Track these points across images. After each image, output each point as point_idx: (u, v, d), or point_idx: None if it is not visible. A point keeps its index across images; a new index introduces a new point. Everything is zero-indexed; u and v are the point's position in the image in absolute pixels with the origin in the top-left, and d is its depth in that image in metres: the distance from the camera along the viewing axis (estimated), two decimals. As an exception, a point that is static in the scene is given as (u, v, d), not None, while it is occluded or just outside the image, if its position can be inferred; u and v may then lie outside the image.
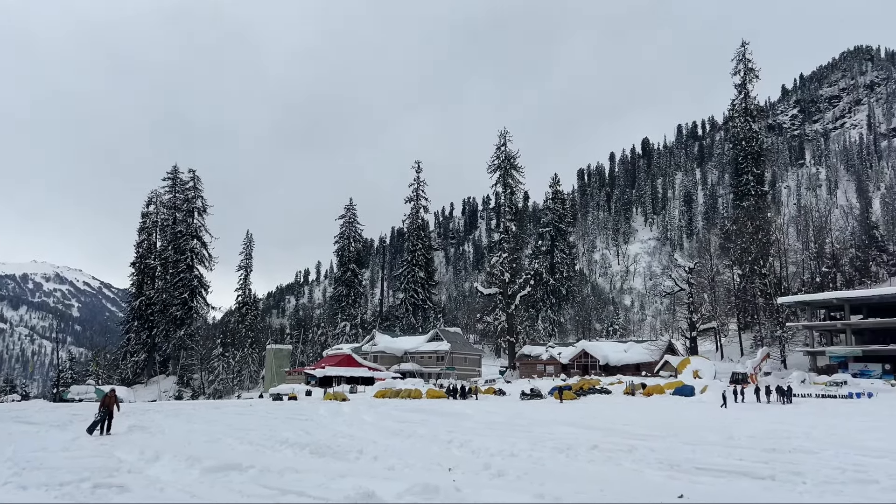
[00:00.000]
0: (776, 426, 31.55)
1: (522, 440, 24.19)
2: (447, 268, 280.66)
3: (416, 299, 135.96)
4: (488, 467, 17.22)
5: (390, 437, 26.48)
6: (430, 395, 67.05)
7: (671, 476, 16.52)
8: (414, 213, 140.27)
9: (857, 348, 73.01)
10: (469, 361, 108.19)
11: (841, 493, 14.16)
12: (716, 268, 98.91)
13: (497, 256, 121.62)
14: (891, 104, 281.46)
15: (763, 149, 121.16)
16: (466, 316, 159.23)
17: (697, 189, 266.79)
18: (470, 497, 11.80)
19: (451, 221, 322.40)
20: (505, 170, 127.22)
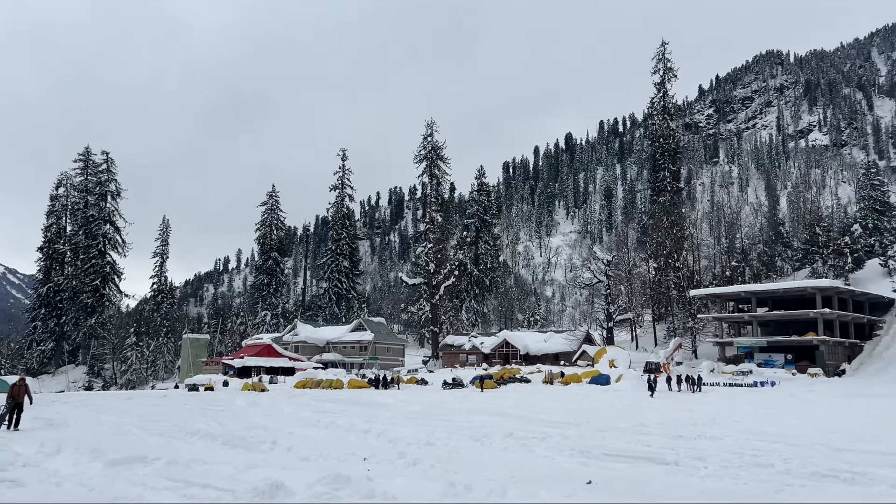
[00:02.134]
0: (685, 414, 32.81)
1: (440, 429, 24.32)
2: (373, 257, 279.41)
3: (339, 289, 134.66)
4: (403, 456, 17.23)
5: (307, 427, 26.17)
6: (352, 385, 66.67)
7: (582, 462, 16.94)
8: (339, 201, 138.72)
9: (763, 339, 76.71)
10: (393, 351, 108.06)
11: (738, 476, 14.83)
12: (632, 261, 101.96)
13: (422, 247, 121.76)
14: (798, 107, 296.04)
15: (680, 146, 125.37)
16: (391, 306, 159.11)
17: (617, 184, 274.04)
18: (381, 486, 11.76)
19: (378, 211, 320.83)
20: (431, 160, 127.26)
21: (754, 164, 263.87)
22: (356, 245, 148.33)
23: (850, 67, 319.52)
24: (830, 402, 42.63)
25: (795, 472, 15.32)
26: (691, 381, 55.80)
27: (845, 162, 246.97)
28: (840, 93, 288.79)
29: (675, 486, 13.57)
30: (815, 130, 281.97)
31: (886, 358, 68.23)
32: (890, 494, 13.07)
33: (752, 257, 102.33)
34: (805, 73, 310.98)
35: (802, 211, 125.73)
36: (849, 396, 46.60)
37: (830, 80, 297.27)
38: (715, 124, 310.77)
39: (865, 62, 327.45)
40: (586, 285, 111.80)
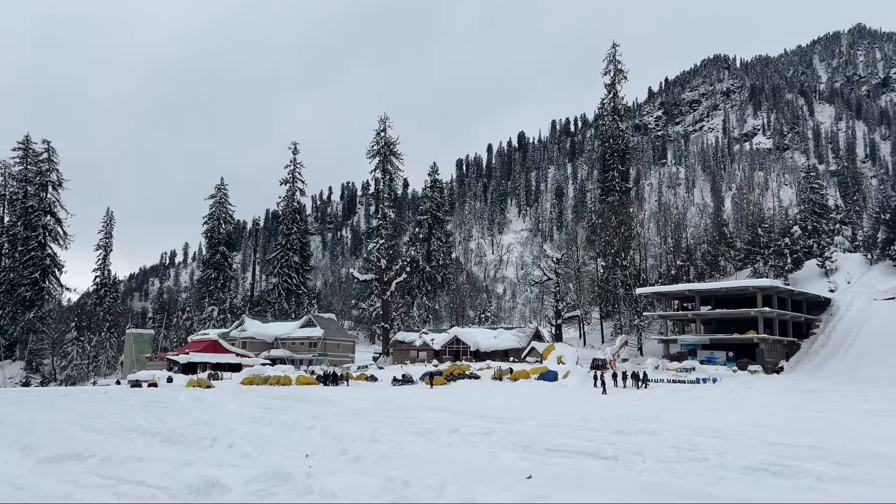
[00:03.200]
0: (628, 409, 33.45)
1: (386, 425, 24.30)
2: (324, 253, 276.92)
3: (289, 284, 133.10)
4: (346, 452, 17.17)
5: (251, 424, 25.84)
6: (301, 381, 65.93)
7: (524, 458, 17.14)
8: (290, 195, 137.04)
9: (705, 337, 78.60)
10: (343, 348, 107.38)
11: (674, 470, 15.20)
12: (581, 259, 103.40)
13: (374, 243, 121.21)
14: (744, 111, 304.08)
15: (629, 147, 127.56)
16: (342, 302, 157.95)
17: (568, 183, 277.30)
18: (320, 483, 11.69)
19: (330, 206, 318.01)
20: (384, 156, 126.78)
21: (701, 165, 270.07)
22: (307, 240, 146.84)
23: (793, 74, 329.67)
24: (768, 398, 43.96)
25: (729, 465, 15.78)
26: (636, 377, 56.87)
27: (787, 165, 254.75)
28: (783, 98, 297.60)
29: (613, 481, 13.83)
30: (759, 134, 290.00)
31: (822, 356, 70.66)
32: (816, 486, 13.57)
33: (697, 257, 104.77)
34: (750, 78, 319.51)
35: (746, 212, 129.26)
36: (786, 393, 48.12)
37: (774, 86, 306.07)
38: (663, 126, 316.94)
39: (807, 69, 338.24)
40: (536, 283, 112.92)
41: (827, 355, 69.80)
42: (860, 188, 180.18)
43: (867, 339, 68.09)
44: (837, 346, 70.55)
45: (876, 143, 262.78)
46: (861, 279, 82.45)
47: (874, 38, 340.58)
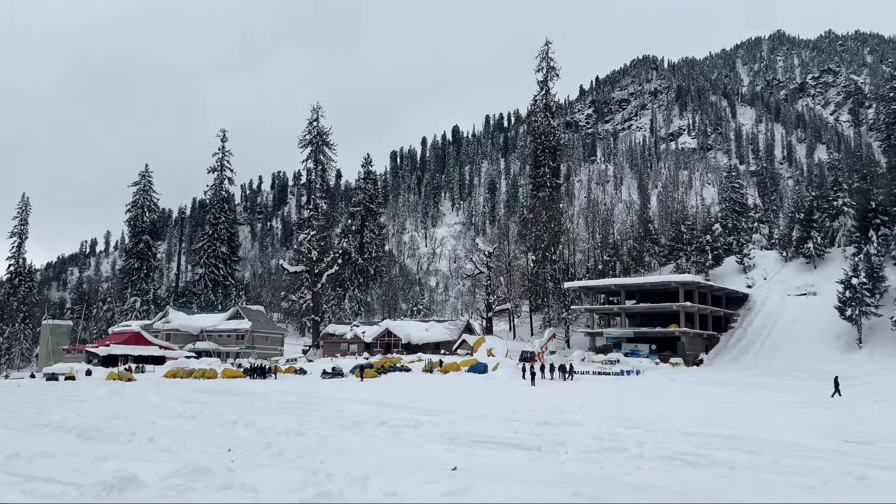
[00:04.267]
0: (554, 401, 34.08)
1: (312, 419, 24.05)
2: (253, 243, 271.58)
3: (216, 275, 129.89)
4: (270, 446, 16.91)
5: (172, 417, 25.17)
6: (227, 374, 64.67)
7: (450, 449, 17.24)
8: (217, 184, 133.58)
9: (630, 330, 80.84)
10: (271, 340, 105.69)
11: (595, 460, 15.57)
12: (513, 253, 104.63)
13: (306, 234, 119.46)
14: (670, 111, 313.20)
15: (560, 144, 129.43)
16: (271, 294, 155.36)
17: (501, 178, 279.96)
18: (241, 477, 11.47)
19: (260, 195, 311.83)
20: (317, 146, 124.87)
21: (629, 163, 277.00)
22: (235, 230, 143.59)
23: (717, 76, 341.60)
24: (688, 389, 45.57)
25: (647, 455, 16.26)
26: (563, 369, 58.05)
27: (710, 165, 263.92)
28: (707, 99, 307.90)
29: (536, 471, 14.06)
30: (684, 134, 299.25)
31: (739, 348, 73.68)
32: (728, 475, 14.12)
33: (623, 252, 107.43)
34: (677, 79, 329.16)
35: (670, 209, 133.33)
36: (705, 384, 49.98)
37: (699, 87, 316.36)
38: (594, 124, 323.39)
39: (731, 72, 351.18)
40: (469, 276, 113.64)
41: (744, 348, 72.78)
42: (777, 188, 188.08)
43: (781, 333, 71.31)
44: (754, 339, 73.64)
45: (793, 146, 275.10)
46: (776, 275, 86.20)
47: (793, 44, 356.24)
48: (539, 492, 10.92)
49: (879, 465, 14.79)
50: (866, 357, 60.36)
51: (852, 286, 63.71)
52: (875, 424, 23.36)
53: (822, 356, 62.04)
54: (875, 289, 64.77)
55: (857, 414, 27.77)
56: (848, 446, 17.67)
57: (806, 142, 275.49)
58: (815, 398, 36.79)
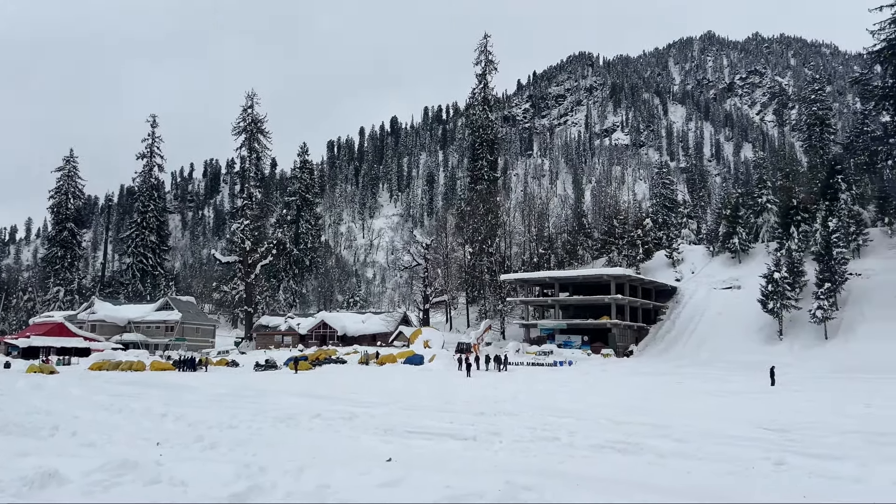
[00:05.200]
0: (489, 392, 34.45)
1: (245, 411, 23.66)
2: (184, 233, 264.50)
3: (145, 265, 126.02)
4: (201, 440, 16.56)
5: (98, 411, 24.37)
6: (155, 367, 62.84)
7: (385, 441, 17.24)
8: (147, 170, 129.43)
9: (563, 322, 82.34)
10: (202, 332, 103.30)
11: (528, 449, 15.82)
12: (450, 245, 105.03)
13: (239, 223, 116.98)
14: (605, 108, 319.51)
15: (497, 137, 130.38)
16: (203, 284, 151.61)
17: (439, 170, 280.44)
18: (169, 470, 11.18)
19: (191, 183, 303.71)
20: (251, 133, 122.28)
21: (564, 158, 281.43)
22: (165, 218, 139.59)
23: (650, 74, 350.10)
24: (619, 379, 46.71)
25: (578, 444, 16.62)
26: (498, 360, 58.70)
27: (642, 161, 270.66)
28: (641, 97, 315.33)
29: (470, 460, 14.21)
30: (618, 130, 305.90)
31: (668, 340, 76.00)
32: (656, 462, 14.56)
33: (558, 245, 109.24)
34: (612, 77, 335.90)
35: (603, 204, 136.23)
36: (634, 375, 51.32)
37: (633, 85, 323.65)
38: (531, 119, 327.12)
39: (663, 71, 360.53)
40: (406, 268, 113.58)
41: (672, 340, 75.08)
42: (706, 185, 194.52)
43: (707, 325, 73.84)
44: (681, 331, 76.03)
45: (721, 144, 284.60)
46: (703, 269, 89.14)
47: (722, 45, 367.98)
48: (472, 481, 11.03)
49: (796, 451, 15.50)
50: (786, 348, 63.09)
51: (774, 280, 66.39)
52: (793, 413, 24.46)
53: (746, 347, 64.61)
54: (795, 283, 67.67)
55: (776, 403, 29.01)
56: (768, 433, 18.46)
57: (733, 140, 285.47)
58: (739, 388, 38.26)
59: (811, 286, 67.07)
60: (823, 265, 66.55)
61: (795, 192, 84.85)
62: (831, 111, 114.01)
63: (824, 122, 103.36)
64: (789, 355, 59.85)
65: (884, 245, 74.15)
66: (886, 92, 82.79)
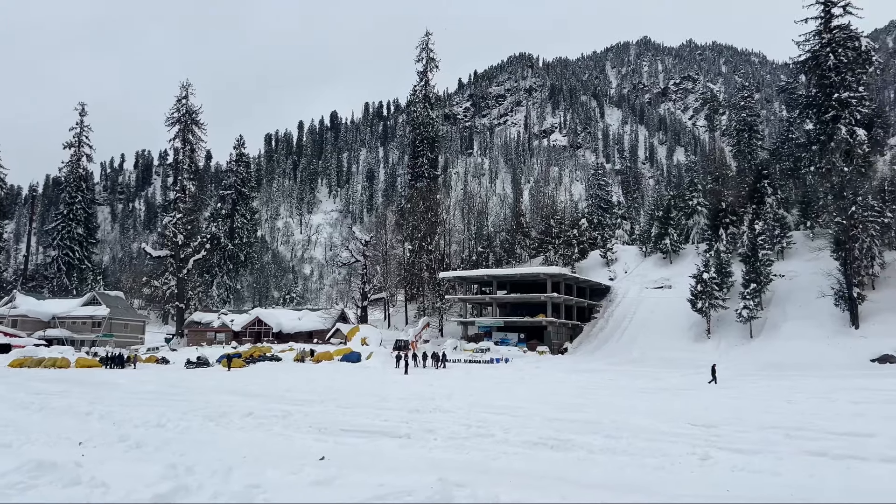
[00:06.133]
0: (425, 389, 34.46)
1: (174, 410, 23.01)
2: (113, 225, 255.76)
3: (71, 258, 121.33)
4: (126, 439, 16.03)
5: (16, 410, 23.33)
6: (81, 364, 60.73)
7: (318, 439, 17.03)
8: (74, 161, 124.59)
9: (500, 319, 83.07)
10: (131, 328, 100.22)
11: (462, 446, 15.87)
12: (389, 242, 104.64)
13: (171, 217, 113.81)
14: (544, 109, 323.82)
15: (438, 135, 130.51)
16: (132, 279, 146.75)
17: (380, 166, 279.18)
18: (91, 471, 10.76)
19: (122, 175, 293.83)
20: (185, 124, 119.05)
21: (503, 157, 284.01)
22: (93, 210, 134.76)
23: (588, 77, 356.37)
24: (553, 376, 47.42)
25: (512, 440, 16.77)
26: (436, 357, 58.87)
27: (579, 162, 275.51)
28: (578, 99, 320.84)
29: (404, 458, 14.16)
30: (556, 132, 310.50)
31: (601, 338, 77.53)
32: (586, 458, 14.81)
33: (497, 244, 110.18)
34: (551, 78, 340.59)
35: (541, 204, 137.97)
36: (568, 372, 52.20)
37: (571, 87, 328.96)
38: (471, 118, 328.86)
39: (600, 74, 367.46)
40: (344, 264, 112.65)
41: (605, 337, 76.64)
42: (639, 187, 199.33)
43: (639, 324, 75.64)
44: (614, 329, 77.69)
45: (654, 147, 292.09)
46: (636, 269, 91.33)
47: (657, 51, 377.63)
48: (406, 479, 10.99)
49: (721, 446, 16.01)
50: (713, 346, 65.17)
51: (703, 281, 68.50)
52: (718, 409, 25.28)
53: (675, 346, 66.45)
54: (723, 283, 69.98)
55: (703, 399, 29.94)
56: (694, 429, 19.01)
57: (666, 144, 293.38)
58: (669, 385, 39.35)
59: (738, 286, 69.43)
60: (749, 266, 69.01)
61: (724, 195, 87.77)
62: (759, 118, 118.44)
63: (752, 129, 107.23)
64: (716, 353, 61.79)
65: (805, 248, 77.35)
66: (810, 101, 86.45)
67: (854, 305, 62.26)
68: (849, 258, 63.25)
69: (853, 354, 53.85)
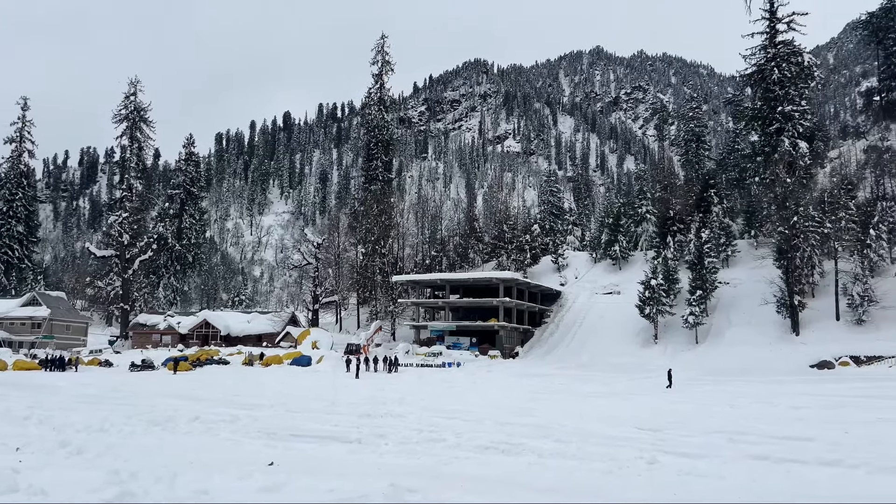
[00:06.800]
0: (377, 393, 34.29)
1: (117, 414, 22.40)
2: (56, 224, 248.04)
3: (10, 257, 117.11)
4: (66, 444, 15.53)
5: (-52, 415, 22.35)
6: (19, 366, 58.57)
7: (267, 444, 16.79)
8: (15, 156, 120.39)
9: (453, 324, 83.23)
10: (73, 330, 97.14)
11: (414, 451, 15.84)
12: (342, 245, 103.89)
13: (117, 216, 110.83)
14: (498, 115, 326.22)
15: (393, 139, 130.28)
16: (75, 279, 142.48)
17: (333, 168, 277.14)
18: (29, 478, 10.39)
19: (65, 172, 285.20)
20: (133, 122, 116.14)
21: (458, 162, 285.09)
22: (35, 208, 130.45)
23: (541, 85, 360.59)
24: (504, 381, 47.72)
25: (464, 445, 16.81)
26: (388, 361, 58.65)
27: (532, 169, 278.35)
28: (532, 107, 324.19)
29: (354, 464, 14.05)
30: (510, 138, 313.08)
31: (551, 342, 78.31)
32: (537, 462, 14.93)
33: (450, 248, 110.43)
34: (505, 85, 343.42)
35: (494, 209, 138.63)
36: (519, 376, 52.59)
37: (525, 94, 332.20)
38: (426, 122, 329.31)
39: (554, 82, 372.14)
40: (295, 267, 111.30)
41: (555, 342, 77.43)
42: (590, 194, 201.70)
43: (588, 329, 76.65)
44: (564, 334, 78.55)
45: (605, 155, 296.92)
46: (586, 275, 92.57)
47: (609, 60, 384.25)
48: (356, 484, 10.91)
49: (667, 450, 16.33)
50: (660, 352, 66.44)
51: (651, 287, 69.82)
52: (664, 413, 25.78)
53: (623, 351, 67.55)
54: (670, 290, 71.44)
55: (649, 404, 30.50)
56: (641, 433, 19.34)
57: (617, 152, 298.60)
58: (617, 389, 39.97)
59: (685, 293, 70.95)
60: (696, 273, 70.64)
61: (672, 203, 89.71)
62: (707, 129, 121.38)
63: (700, 139, 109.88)
64: (663, 358, 63.02)
65: (749, 256, 79.52)
66: (755, 113, 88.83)
67: (795, 313, 64.25)
68: (790, 267, 65.26)
69: (793, 360, 55.53)
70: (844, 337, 59.90)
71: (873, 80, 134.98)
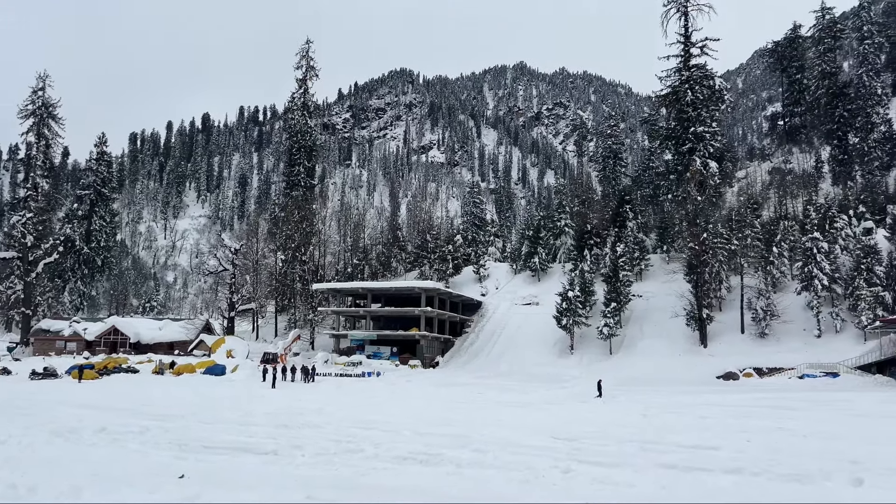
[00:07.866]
0: (294, 403, 33.68)
1: (15, 424, 21.21)
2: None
3: None
4: (-43, 459, 14.57)
5: None
6: None
7: (178, 456, 16.24)
8: None
9: (373, 333, 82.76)
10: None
11: (332, 462, 15.63)
12: (261, 251, 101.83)
13: (20, 216, 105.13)
14: (423, 125, 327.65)
15: (316, 145, 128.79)
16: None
17: (253, 173, 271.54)
18: (-86, 497, 9.70)
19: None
20: (41, 118, 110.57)
21: (382, 171, 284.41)
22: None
23: (466, 97, 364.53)
24: (423, 390, 47.70)
25: (382, 456, 16.70)
26: (305, 371, 57.68)
27: (456, 180, 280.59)
28: (457, 118, 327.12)
29: (268, 476, 13.74)
30: (434, 148, 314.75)
31: (471, 352, 78.96)
32: (455, 472, 14.99)
33: (373, 257, 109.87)
34: (431, 95, 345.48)
35: (418, 219, 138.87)
36: (438, 386, 52.70)
37: (450, 106, 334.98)
38: (350, 129, 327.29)
39: (478, 95, 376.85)
40: (211, 273, 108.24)
41: (475, 352, 78.11)
42: (512, 206, 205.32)
43: (507, 339, 77.71)
44: (484, 343, 79.35)
45: (527, 169, 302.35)
46: (507, 286, 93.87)
47: (532, 76, 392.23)
48: (272, 496, 10.69)
49: (581, 459, 16.69)
50: (576, 362, 68.00)
51: (568, 298, 71.42)
52: (579, 423, 26.35)
53: (541, 360, 68.81)
54: (586, 301, 73.27)
55: (565, 413, 31.13)
56: (557, 443, 19.71)
57: (538, 166, 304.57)
58: (534, 399, 40.60)
59: (600, 305, 72.91)
60: (611, 286, 72.72)
61: (590, 218, 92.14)
62: (624, 146, 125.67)
63: (617, 156, 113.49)
64: (578, 368, 64.56)
65: (661, 270, 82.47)
66: (669, 133, 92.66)
67: (703, 326, 67.02)
68: (699, 281, 68.09)
69: (702, 371, 57.89)
70: (749, 349, 62.92)
71: (778, 106, 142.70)
